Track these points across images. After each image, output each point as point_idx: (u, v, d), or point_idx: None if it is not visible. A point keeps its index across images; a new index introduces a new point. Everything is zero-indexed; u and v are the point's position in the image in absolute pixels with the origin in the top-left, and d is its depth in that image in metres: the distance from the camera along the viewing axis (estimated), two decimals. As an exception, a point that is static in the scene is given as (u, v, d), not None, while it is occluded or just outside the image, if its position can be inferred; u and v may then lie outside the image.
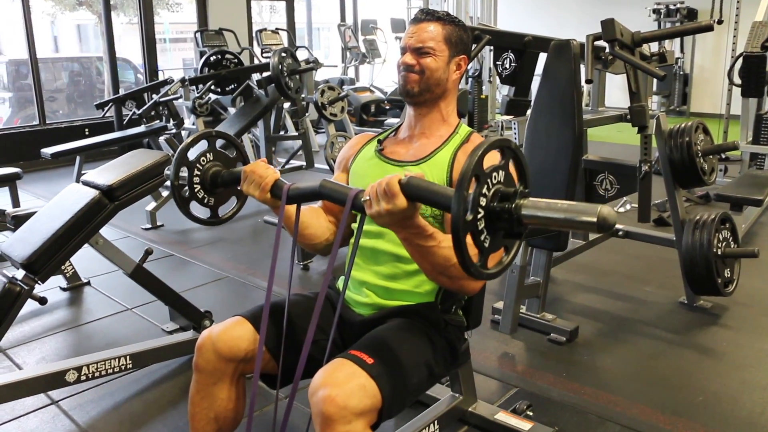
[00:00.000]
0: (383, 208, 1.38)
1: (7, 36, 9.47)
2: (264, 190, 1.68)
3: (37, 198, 5.98)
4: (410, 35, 1.77)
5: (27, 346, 3.06)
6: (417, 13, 1.80)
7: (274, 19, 11.73)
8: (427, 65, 1.74)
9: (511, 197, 1.27)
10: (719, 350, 2.97)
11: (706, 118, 9.06)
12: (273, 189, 1.68)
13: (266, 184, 1.68)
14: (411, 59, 1.75)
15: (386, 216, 1.39)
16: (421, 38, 1.75)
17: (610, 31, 2.77)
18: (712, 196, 4.86)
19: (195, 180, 1.80)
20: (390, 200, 1.37)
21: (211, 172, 1.82)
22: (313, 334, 1.52)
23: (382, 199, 1.38)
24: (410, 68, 1.75)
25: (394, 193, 1.36)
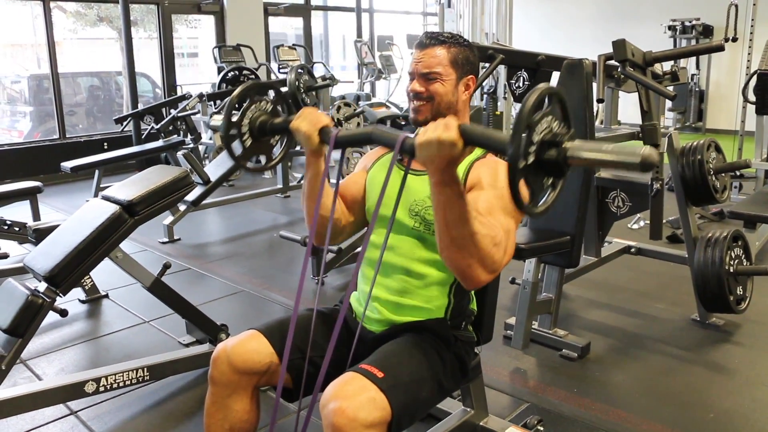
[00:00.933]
0: (435, 135, 1.37)
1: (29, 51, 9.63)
2: (315, 125, 1.69)
3: (56, 211, 6.08)
4: (417, 61, 1.79)
5: (47, 357, 3.12)
6: (421, 38, 1.82)
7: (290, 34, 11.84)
8: (435, 91, 1.77)
9: (560, 139, 1.31)
10: (731, 368, 2.97)
11: (722, 134, 9.08)
12: (321, 132, 1.70)
13: (318, 123, 1.69)
14: (419, 86, 1.78)
15: (435, 145, 1.37)
16: (427, 64, 1.77)
17: (621, 51, 2.81)
18: (726, 213, 4.85)
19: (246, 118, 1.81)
20: (446, 130, 1.37)
21: (261, 119, 1.82)
22: (332, 349, 1.55)
23: (439, 127, 1.38)
24: (419, 96, 1.78)
25: (451, 125, 1.37)
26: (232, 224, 5.65)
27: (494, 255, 1.53)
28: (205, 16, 9.36)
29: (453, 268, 1.57)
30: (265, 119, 1.83)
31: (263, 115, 1.83)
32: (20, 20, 8.86)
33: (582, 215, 2.86)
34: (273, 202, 6.26)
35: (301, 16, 10.60)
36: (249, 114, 1.81)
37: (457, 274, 1.60)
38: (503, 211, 1.63)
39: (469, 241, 1.48)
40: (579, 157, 1.29)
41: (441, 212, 1.48)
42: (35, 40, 9.09)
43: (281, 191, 6.22)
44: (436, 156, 1.39)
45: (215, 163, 5.58)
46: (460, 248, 1.50)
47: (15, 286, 2.42)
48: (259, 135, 1.83)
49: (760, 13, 6.26)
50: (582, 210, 2.86)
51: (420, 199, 1.78)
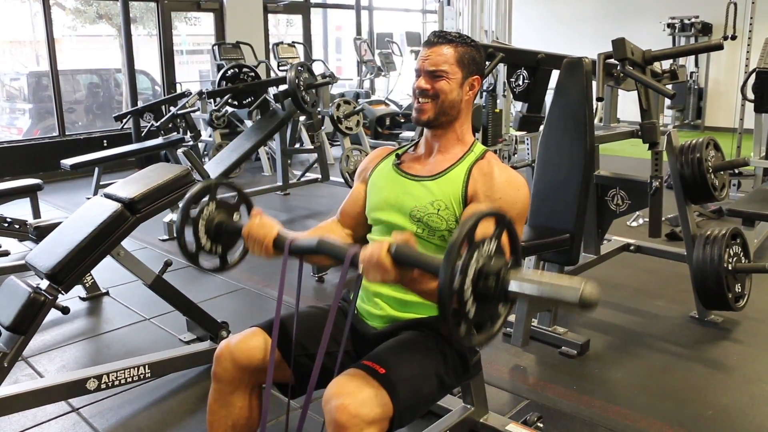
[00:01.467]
0: (377, 279, 1.46)
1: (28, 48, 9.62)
2: (267, 250, 1.75)
3: (56, 209, 6.08)
4: (424, 58, 1.81)
5: (48, 354, 3.13)
6: (430, 36, 1.85)
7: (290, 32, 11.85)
8: (441, 88, 1.79)
9: (500, 269, 1.29)
10: (729, 365, 2.98)
11: (721, 132, 9.09)
12: (275, 244, 1.74)
13: (267, 244, 1.74)
14: (425, 83, 1.80)
15: (380, 280, 1.47)
16: (434, 61, 1.79)
17: (620, 50, 2.82)
18: (725, 211, 4.87)
19: (200, 232, 1.83)
20: (382, 273, 1.45)
21: (216, 222, 1.84)
22: (326, 345, 1.57)
23: (375, 271, 1.45)
24: (425, 92, 1.80)
25: (385, 268, 1.43)
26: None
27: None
28: (205, 14, 9.35)
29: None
30: (220, 219, 1.85)
31: (216, 215, 1.85)
32: (19, 17, 8.85)
33: (581, 213, 2.87)
34: (273, 200, 6.27)
35: (300, 14, 10.59)
36: (202, 226, 1.82)
37: None
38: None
39: None
40: (519, 292, 1.28)
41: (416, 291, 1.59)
42: (34, 37, 9.08)
43: (281, 189, 6.23)
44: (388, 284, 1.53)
45: (215, 161, 5.59)
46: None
47: (17, 283, 2.43)
48: (220, 236, 1.86)
49: (759, 11, 6.27)
50: (581, 208, 2.87)
51: (421, 205, 1.80)
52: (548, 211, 2.94)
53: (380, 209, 1.88)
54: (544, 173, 3.00)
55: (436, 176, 1.83)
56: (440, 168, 1.84)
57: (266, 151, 7.46)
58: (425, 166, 1.88)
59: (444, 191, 1.79)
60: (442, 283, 1.24)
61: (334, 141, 8.37)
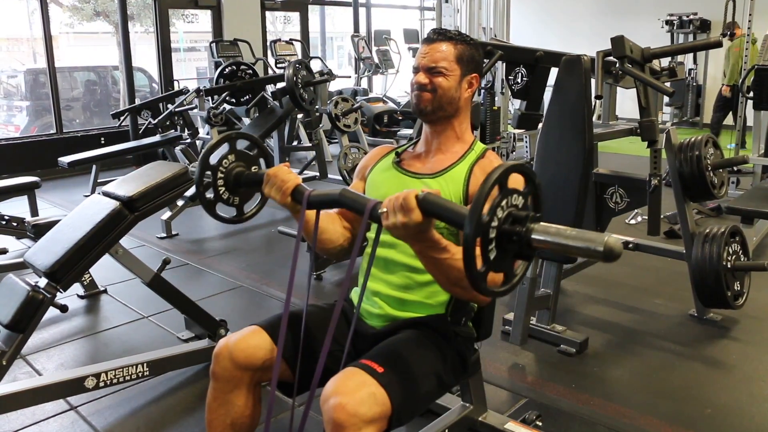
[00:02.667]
0: (399, 221, 1.42)
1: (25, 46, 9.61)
2: (285, 194, 1.73)
3: (54, 206, 6.07)
4: (423, 55, 1.82)
5: (46, 352, 3.13)
6: (429, 33, 1.85)
7: (287, 29, 11.84)
8: (439, 84, 1.79)
9: (523, 220, 1.30)
10: (728, 363, 2.99)
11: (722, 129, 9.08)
12: (294, 193, 1.72)
13: (287, 188, 1.72)
14: (424, 78, 1.80)
15: (401, 229, 1.43)
16: (433, 58, 1.80)
17: (619, 48, 2.81)
18: (724, 209, 4.87)
19: (219, 182, 1.83)
20: (406, 214, 1.41)
21: (235, 173, 1.84)
22: (329, 345, 1.56)
23: (398, 212, 1.42)
24: (423, 87, 1.80)
25: (411, 207, 1.40)
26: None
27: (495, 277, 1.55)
28: (202, 11, 9.33)
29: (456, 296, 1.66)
30: (239, 171, 1.85)
31: (235, 167, 1.85)
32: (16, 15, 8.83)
33: (580, 211, 2.87)
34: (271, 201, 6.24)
35: (297, 11, 10.57)
36: (221, 176, 1.82)
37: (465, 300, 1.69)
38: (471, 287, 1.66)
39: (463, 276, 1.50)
40: (543, 240, 1.28)
41: (432, 269, 1.56)
42: (32, 35, 9.07)
43: (279, 186, 6.21)
44: (406, 235, 1.45)
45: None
46: (462, 288, 1.55)
47: (15, 281, 2.42)
48: (238, 188, 1.86)
49: (757, 8, 6.26)
50: (580, 206, 2.87)
51: None
52: (547, 208, 2.87)
53: None
54: (542, 171, 3.00)
55: (437, 174, 1.83)
56: (441, 166, 1.84)
57: (264, 149, 7.44)
58: (426, 164, 1.88)
59: (445, 189, 1.79)
60: (467, 233, 1.24)
61: (332, 138, 8.37)
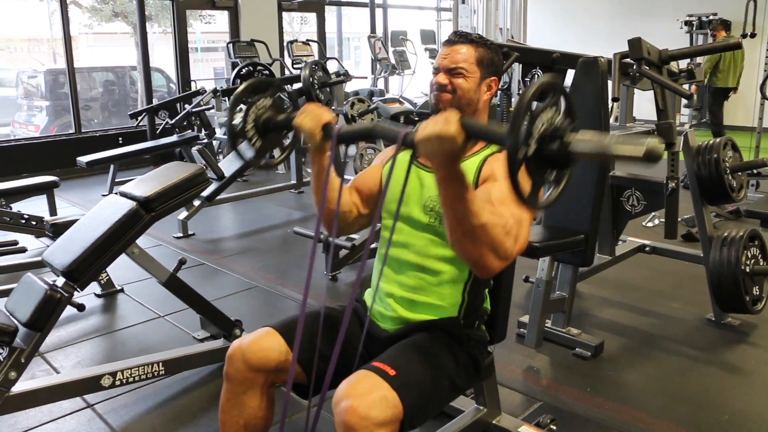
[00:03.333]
0: (436, 130, 1.37)
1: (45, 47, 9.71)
2: (317, 123, 1.70)
3: (72, 205, 6.13)
4: (443, 56, 1.82)
5: (63, 350, 3.16)
6: (450, 35, 1.86)
7: (304, 30, 11.87)
8: (459, 85, 1.79)
9: (561, 131, 1.28)
10: (747, 368, 2.95)
11: (739, 131, 9.01)
12: (325, 126, 1.70)
13: (320, 119, 1.70)
14: (444, 79, 1.80)
15: (436, 141, 1.37)
16: (454, 59, 1.80)
17: (637, 50, 2.79)
18: (743, 212, 4.82)
19: (249, 119, 1.80)
20: (445, 124, 1.37)
21: (265, 117, 1.82)
22: (340, 346, 1.56)
23: (438, 122, 1.38)
24: (443, 88, 1.80)
25: (451, 119, 1.37)
26: (246, 220, 5.68)
27: (505, 243, 1.54)
28: (219, 11, 9.38)
29: (465, 258, 1.58)
30: (269, 116, 1.82)
31: (267, 111, 1.82)
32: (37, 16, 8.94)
33: (596, 214, 2.85)
34: (287, 198, 6.28)
35: (314, 12, 10.60)
36: (252, 113, 1.80)
37: (470, 264, 1.61)
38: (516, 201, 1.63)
39: (480, 231, 1.49)
40: (581, 151, 1.26)
41: (449, 207, 1.49)
42: (52, 35, 9.17)
43: (295, 187, 6.25)
44: (438, 151, 1.39)
45: (229, 159, 5.60)
46: (472, 239, 1.51)
47: (34, 280, 2.44)
48: (265, 132, 1.83)
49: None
50: (596, 208, 2.85)
51: (434, 195, 1.78)
52: (563, 211, 2.92)
53: (395, 200, 1.88)
54: (559, 173, 2.98)
55: None
56: None
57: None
58: None
59: None
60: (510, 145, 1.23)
61: (348, 139, 8.35)
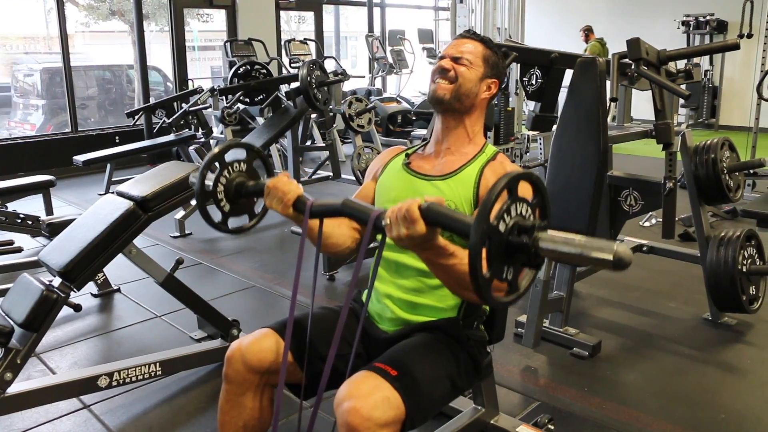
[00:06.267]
0: (403, 233, 1.38)
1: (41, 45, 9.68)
2: (286, 205, 1.69)
3: (68, 205, 6.11)
4: (452, 46, 1.87)
5: (60, 350, 3.15)
6: (464, 32, 1.92)
7: (302, 29, 11.86)
8: (461, 73, 1.82)
9: (530, 230, 1.27)
10: (743, 368, 2.96)
11: (735, 131, 9.02)
12: (296, 204, 1.69)
13: (288, 200, 1.69)
14: (448, 64, 1.83)
15: (406, 240, 1.39)
16: (460, 49, 1.85)
17: (635, 50, 2.79)
18: (739, 212, 4.83)
19: (221, 181, 1.79)
20: (410, 225, 1.37)
21: (237, 182, 1.80)
22: (336, 347, 1.55)
23: (402, 224, 1.38)
24: (445, 72, 1.82)
25: (414, 218, 1.36)
26: (243, 219, 5.64)
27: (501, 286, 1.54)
28: (217, 10, 9.37)
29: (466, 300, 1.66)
30: (241, 181, 1.80)
31: (239, 176, 1.81)
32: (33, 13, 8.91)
33: (594, 213, 2.85)
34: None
35: (312, 11, 10.59)
36: (224, 177, 1.78)
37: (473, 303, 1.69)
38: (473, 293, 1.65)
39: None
40: (550, 250, 1.24)
41: (441, 275, 1.54)
42: (48, 33, 9.14)
43: (292, 186, 6.22)
44: (411, 245, 1.42)
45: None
46: (465, 288, 1.52)
47: (30, 280, 2.44)
48: (236, 198, 1.82)
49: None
50: (594, 208, 2.85)
51: None
52: (561, 211, 2.92)
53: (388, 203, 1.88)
54: (557, 173, 2.98)
55: (447, 176, 1.82)
56: (451, 168, 1.83)
57: (278, 149, 7.45)
58: (435, 166, 1.87)
59: (455, 191, 1.78)
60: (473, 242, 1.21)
61: (346, 138, 8.37)
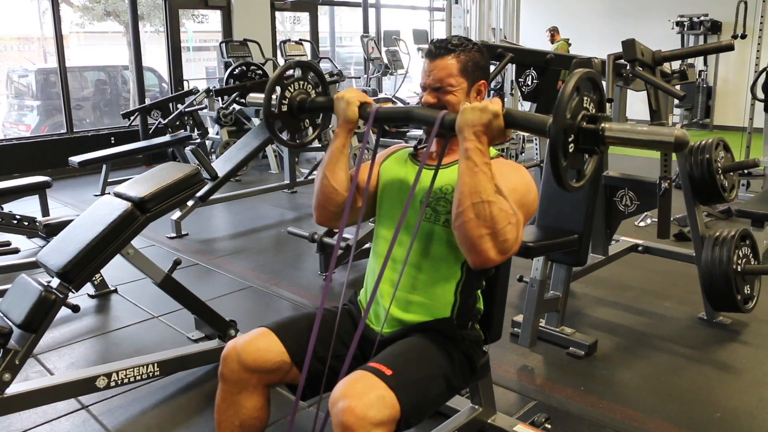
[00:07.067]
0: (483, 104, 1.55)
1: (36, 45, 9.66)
2: (357, 98, 1.83)
3: (64, 206, 6.10)
4: (427, 73, 1.81)
5: (57, 351, 3.15)
6: (429, 47, 1.83)
7: (297, 29, 11.86)
8: (448, 101, 1.79)
9: (598, 120, 1.45)
10: (738, 367, 2.98)
11: (730, 131, 9.07)
12: (361, 107, 1.84)
13: (361, 96, 1.84)
14: (432, 98, 1.80)
15: (480, 109, 1.55)
16: (438, 77, 1.79)
17: (631, 51, 2.81)
18: (733, 212, 4.85)
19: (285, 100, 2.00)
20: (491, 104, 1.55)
21: (299, 99, 2.01)
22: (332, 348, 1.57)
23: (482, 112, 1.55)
24: (433, 107, 1.80)
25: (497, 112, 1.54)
26: (240, 220, 5.67)
27: (507, 233, 1.57)
28: (212, 11, 9.36)
29: (465, 237, 1.58)
30: (303, 98, 2.02)
31: (301, 93, 2.02)
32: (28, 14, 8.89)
33: (590, 214, 2.87)
34: (280, 198, 6.27)
35: (307, 11, 10.59)
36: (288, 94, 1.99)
37: (467, 246, 1.60)
38: (516, 203, 1.65)
39: (488, 209, 1.54)
40: (615, 137, 1.42)
41: (468, 176, 1.57)
42: (42, 34, 9.12)
43: (288, 187, 6.23)
44: (478, 121, 1.55)
45: (223, 159, 5.60)
46: (478, 215, 1.54)
47: (28, 281, 2.44)
48: (299, 113, 2.02)
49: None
50: (590, 209, 2.87)
51: (432, 192, 1.79)
52: (557, 211, 2.94)
53: (390, 196, 1.90)
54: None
55: (447, 165, 1.83)
56: (452, 159, 1.84)
57: (273, 149, 7.47)
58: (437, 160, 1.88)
59: (452, 177, 1.78)
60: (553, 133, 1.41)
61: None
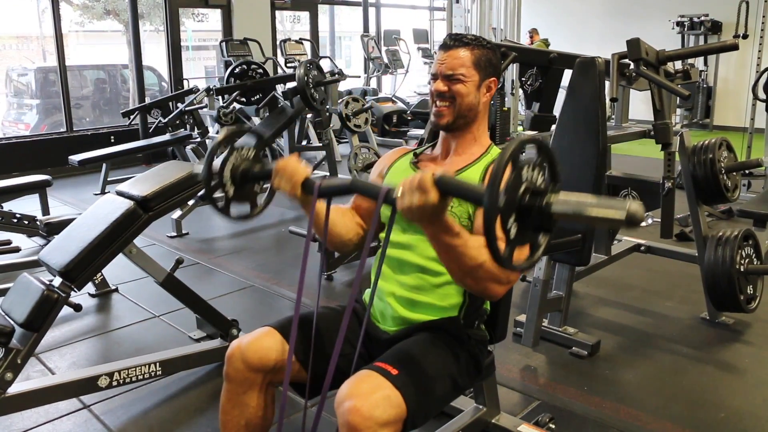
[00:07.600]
0: (415, 201, 1.37)
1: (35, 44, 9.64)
2: (295, 185, 1.71)
3: (64, 204, 6.09)
4: (440, 62, 1.81)
5: (59, 350, 3.14)
6: (446, 39, 1.84)
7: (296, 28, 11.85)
8: (458, 91, 1.79)
9: (542, 193, 1.27)
10: (741, 367, 2.97)
11: (730, 131, 9.06)
12: (304, 184, 1.71)
13: (297, 179, 1.71)
14: (442, 86, 1.80)
15: (417, 211, 1.38)
16: (451, 65, 1.79)
17: (635, 50, 2.80)
18: (735, 212, 4.84)
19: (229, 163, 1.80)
20: (422, 194, 1.36)
21: (241, 170, 1.82)
22: (340, 347, 1.55)
23: (415, 192, 1.37)
24: (442, 95, 1.80)
25: (427, 187, 1.35)
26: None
27: (508, 273, 1.56)
28: (212, 10, 9.35)
29: (470, 291, 1.64)
30: (247, 167, 1.82)
31: (245, 162, 1.82)
32: (27, 13, 8.87)
33: (594, 213, 2.85)
34: (281, 197, 6.18)
35: (307, 10, 10.59)
36: (230, 162, 1.80)
37: (476, 294, 1.66)
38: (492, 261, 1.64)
39: (479, 270, 1.52)
40: (563, 212, 1.25)
41: (444, 255, 1.53)
42: (42, 33, 9.11)
43: (288, 186, 6.20)
44: (421, 216, 1.40)
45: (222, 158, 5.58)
46: (473, 278, 1.54)
47: (30, 280, 2.43)
48: (242, 183, 1.83)
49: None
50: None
51: None
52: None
53: None
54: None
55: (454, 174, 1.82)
56: (456, 167, 1.84)
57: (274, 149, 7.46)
58: (441, 166, 1.88)
59: None
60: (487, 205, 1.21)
61: (342, 138, 8.37)
